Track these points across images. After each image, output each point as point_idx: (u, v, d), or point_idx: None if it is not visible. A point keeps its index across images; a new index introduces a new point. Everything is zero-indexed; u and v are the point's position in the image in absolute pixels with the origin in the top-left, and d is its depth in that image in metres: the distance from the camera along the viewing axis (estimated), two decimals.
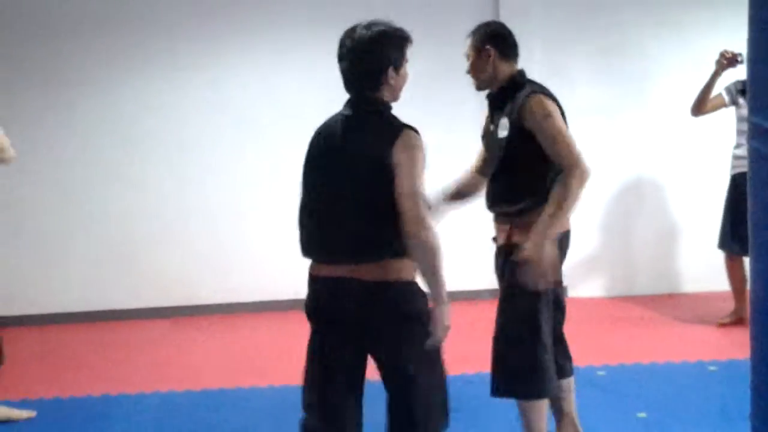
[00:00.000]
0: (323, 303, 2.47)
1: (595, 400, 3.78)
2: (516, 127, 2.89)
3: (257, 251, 5.91)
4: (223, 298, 5.92)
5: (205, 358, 4.93)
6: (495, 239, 3.11)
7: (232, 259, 5.90)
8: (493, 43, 2.98)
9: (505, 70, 3.00)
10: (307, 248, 2.50)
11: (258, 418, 3.88)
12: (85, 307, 5.84)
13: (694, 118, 5.12)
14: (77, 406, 4.17)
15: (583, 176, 2.79)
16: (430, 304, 2.41)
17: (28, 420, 3.88)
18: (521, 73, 3.02)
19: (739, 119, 4.87)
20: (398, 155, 2.34)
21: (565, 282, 3.25)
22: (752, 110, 2.00)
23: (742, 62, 4.56)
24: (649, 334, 5.08)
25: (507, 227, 2.99)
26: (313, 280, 2.49)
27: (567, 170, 2.79)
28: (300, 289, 2.61)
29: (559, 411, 3.20)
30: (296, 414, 2.52)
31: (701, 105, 4.96)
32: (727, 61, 4.71)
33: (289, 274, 5.91)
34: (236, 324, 5.66)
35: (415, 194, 2.32)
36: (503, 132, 2.93)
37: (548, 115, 2.85)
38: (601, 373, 4.24)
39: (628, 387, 4.04)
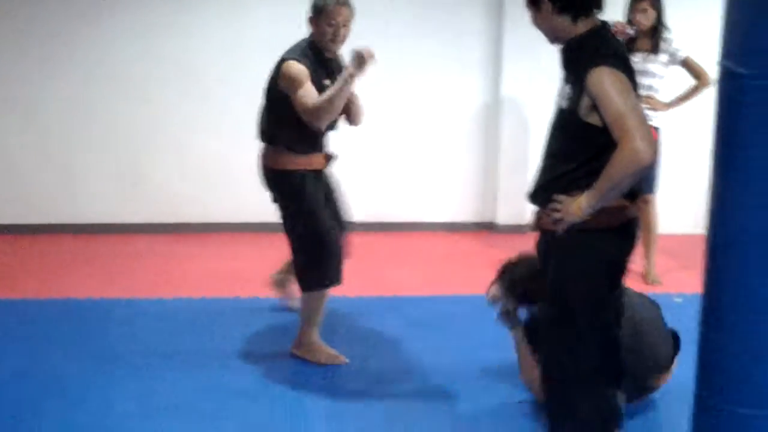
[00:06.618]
0: None
1: None
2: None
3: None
4: (228, 217, 6.07)
5: (204, 271, 5.16)
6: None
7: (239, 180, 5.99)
8: None
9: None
10: None
11: (251, 324, 4.22)
12: (95, 220, 6.02)
13: None
14: (87, 306, 4.48)
15: None
16: None
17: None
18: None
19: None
20: None
21: None
22: (724, 55, 2.14)
23: (632, 33, 4.65)
24: None
25: None
26: None
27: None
28: None
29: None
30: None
31: None
32: (618, 32, 4.75)
33: None
34: (237, 241, 5.87)
35: None
36: None
37: None
38: None
39: None
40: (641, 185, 2.56)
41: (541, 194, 2.59)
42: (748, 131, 2.07)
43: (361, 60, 3.37)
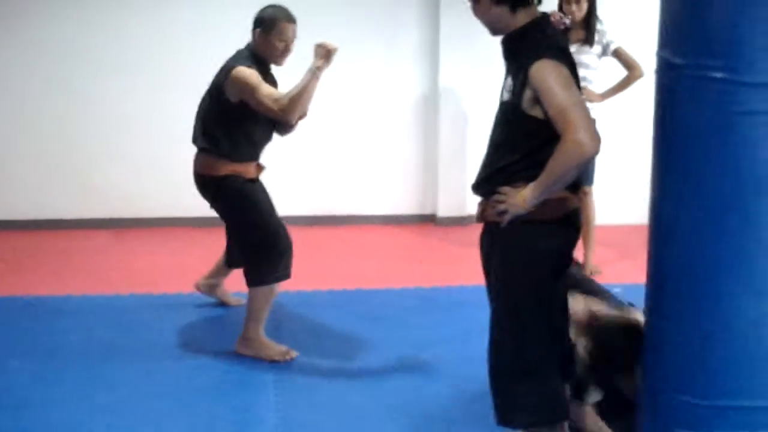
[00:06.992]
0: None
1: None
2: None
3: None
4: (165, 212, 5.97)
5: (148, 267, 5.10)
6: None
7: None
8: None
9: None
10: None
11: (203, 320, 4.25)
12: (33, 215, 5.88)
13: None
14: (28, 304, 4.40)
15: None
16: None
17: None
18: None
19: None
20: None
21: None
22: (661, 45, 2.15)
23: (567, 24, 4.71)
24: None
25: None
26: None
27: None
28: None
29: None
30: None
31: None
32: (554, 23, 4.77)
33: None
34: (175, 236, 5.80)
35: None
36: None
37: None
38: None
39: None
40: (581, 177, 2.57)
41: (484, 186, 2.58)
42: (686, 121, 2.10)
43: (327, 54, 3.41)
